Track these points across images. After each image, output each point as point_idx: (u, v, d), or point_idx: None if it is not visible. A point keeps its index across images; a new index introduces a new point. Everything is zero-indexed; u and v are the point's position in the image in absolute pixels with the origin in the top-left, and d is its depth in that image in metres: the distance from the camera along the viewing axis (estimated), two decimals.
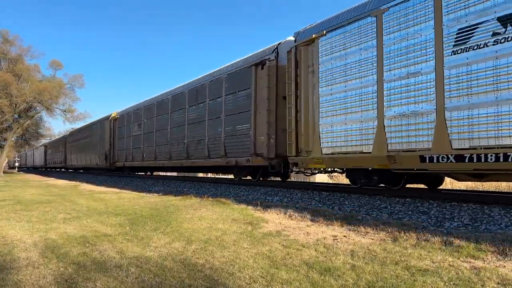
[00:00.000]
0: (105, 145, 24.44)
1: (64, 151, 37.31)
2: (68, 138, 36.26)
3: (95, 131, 27.10)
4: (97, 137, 26.38)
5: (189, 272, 3.64)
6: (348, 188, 9.20)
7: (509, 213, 5.50)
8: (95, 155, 26.69)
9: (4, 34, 36.44)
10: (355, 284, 3.19)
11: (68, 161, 35.88)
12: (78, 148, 32.51)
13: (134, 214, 7.19)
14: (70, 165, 35.58)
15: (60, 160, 39.51)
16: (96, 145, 26.50)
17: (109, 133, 23.86)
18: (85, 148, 29.86)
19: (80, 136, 32.27)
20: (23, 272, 3.78)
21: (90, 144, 28.30)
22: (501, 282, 3.12)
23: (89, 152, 28.41)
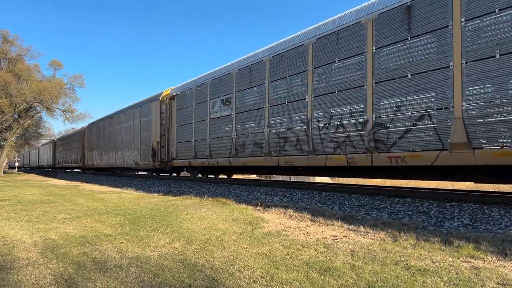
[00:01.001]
0: (151, 137, 17.67)
1: (82, 148, 30.99)
2: (87, 131, 29.82)
3: (133, 118, 20.34)
4: (137, 127, 19.67)
5: (189, 272, 3.64)
6: (348, 188, 9.20)
7: (509, 213, 5.50)
8: (132, 151, 20.19)
9: (4, 34, 36.42)
10: (355, 284, 3.19)
11: (87, 160, 29.40)
12: (103, 142, 25.51)
13: (134, 214, 7.19)
14: (90, 165, 28.70)
15: (75, 159, 33.42)
16: (135, 137, 19.90)
17: (159, 119, 16.90)
18: (115, 142, 23.03)
19: (106, 127, 25.06)
20: (23, 272, 3.78)
21: (123, 137, 21.70)
22: (501, 282, 3.12)
23: (122, 147, 21.86)
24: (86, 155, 29.69)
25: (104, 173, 29.27)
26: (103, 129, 25.69)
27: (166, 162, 16.38)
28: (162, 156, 16.60)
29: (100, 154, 26.04)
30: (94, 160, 27.32)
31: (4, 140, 40.42)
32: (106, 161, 24.69)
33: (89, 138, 29.16)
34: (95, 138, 27.35)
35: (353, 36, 8.04)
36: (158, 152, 16.82)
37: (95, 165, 27.35)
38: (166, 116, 16.59)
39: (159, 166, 16.87)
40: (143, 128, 18.90)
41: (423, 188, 10.33)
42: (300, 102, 9.31)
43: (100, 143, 26.04)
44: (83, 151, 30.64)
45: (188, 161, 14.45)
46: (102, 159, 25.65)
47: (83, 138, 30.88)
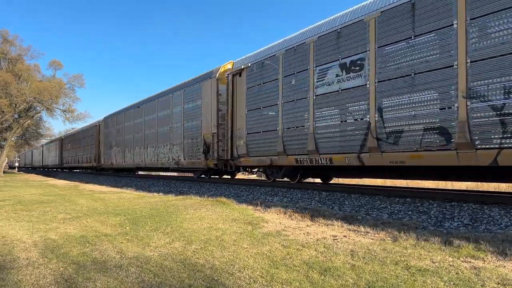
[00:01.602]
0: (201, 128, 13.54)
1: (96, 145, 26.93)
2: (103, 125, 25.50)
3: (171, 105, 15.99)
4: (178, 116, 15.40)
5: (189, 272, 3.64)
6: (348, 188, 9.20)
7: (509, 213, 5.50)
8: (170, 147, 15.86)
9: (4, 34, 36.43)
10: (355, 284, 3.19)
11: (104, 159, 25.12)
12: (126, 137, 21.20)
13: (134, 214, 7.19)
14: (108, 165, 24.29)
15: (87, 158, 29.23)
16: (174, 129, 15.63)
17: (215, 103, 12.75)
18: (144, 136, 18.81)
19: (130, 119, 20.75)
20: (23, 272, 3.78)
21: (157, 129, 17.40)
22: (501, 282, 3.12)
23: (154, 143, 17.51)
24: (103, 153, 25.36)
25: (106, 173, 28.37)
26: (126, 122, 21.42)
27: (227, 160, 12.01)
28: (219, 153, 12.34)
29: (121, 151, 21.80)
30: (113, 158, 23.09)
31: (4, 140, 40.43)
32: (131, 159, 20.34)
33: (106, 134, 24.84)
34: (114, 133, 23.18)
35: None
36: (214, 147, 12.56)
37: (114, 164, 23.13)
38: (228, 99, 11.90)
39: (215, 166, 12.60)
40: (188, 117, 14.51)
41: (423, 188, 10.33)
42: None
43: (122, 138, 21.77)
44: (98, 149, 26.50)
45: (270, 158, 10.31)
46: (124, 158, 21.35)
47: (97, 134, 26.69)
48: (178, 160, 15.28)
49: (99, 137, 26.66)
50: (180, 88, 15.62)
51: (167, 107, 16.62)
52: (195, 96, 14.32)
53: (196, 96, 14.24)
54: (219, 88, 12.77)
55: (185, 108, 15.00)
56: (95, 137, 27.37)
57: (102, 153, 25.84)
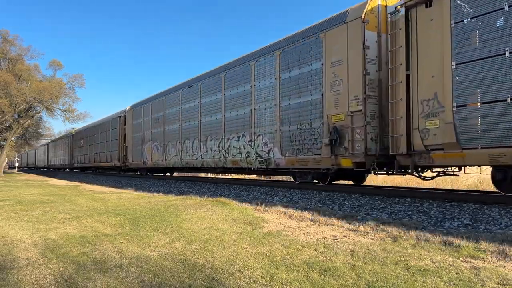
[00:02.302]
0: (322, 104, 9.01)
1: (120, 140, 21.82)
2: (130, 116, 20.67)
3: (261, 75, 11.08)
4: (270, 89, 10.68)
5: (189, 272, 3.64)
6: (348, 188, 9.20)
7: (509, 213, 5.51)
8: (253, 138, 11.19)
9: (4, 34, 36.41)
10: (355, 284, 3.19)
11: (132, 158, 20.21)
12: (168, 129, 16.54)
13: (134, 214, 7.19)
14: (139, 165, 19.51)
15: (108, 157, 24.08)
16: (265, 112, 10.82)
17: (360, 61, 8.12)
18: (200, 125, 14.03)
19: (176, 103, 15.97)
20: (23, 272, 3.78)
21: (224, 114, 12.61)
22: (501, 282, 3.12)
23: (220, 133, 12.77)
24: (130, 150, 20.29)
25: (111, 173, 26.74)
26: (168, 108, 16.48)
27: (395, 155, 7.52)
28: (367, 144, 7.93)
29: (161, 147, 16.99)
30: (147, 156, 18.25)
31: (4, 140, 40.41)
32: (177, 157, 15.51)
33: (135, 125, 20.01)
34: (149, 123, 18.39)
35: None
36: (353, 135, 8.22)
37: (149, 164, 18.26)
38: (395, 52, 7.49)
39: (356, 166, 8.17)
40: (291, 90, 9.93)
41: (423, 188, 10.33)
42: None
43: (161, 130, 16.98)
44: (123, 145, 21.48)
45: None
46: (166, 155, 16.55)
47: (122, 126, 21.70)
48: (269, 157, 10.55)
49: (124, 130, 21.61)
50: (273, 49, 10.70)
51: (244, 81, 11.73)
52: (307, 57, 9.48)
53: (309, 55, 9.44)
54: (366, 37, 8.08)
55: (283, 79, 10.18)
56: (119, 131, 22.24)
57: (129, 150, 20.63)
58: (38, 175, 37.30)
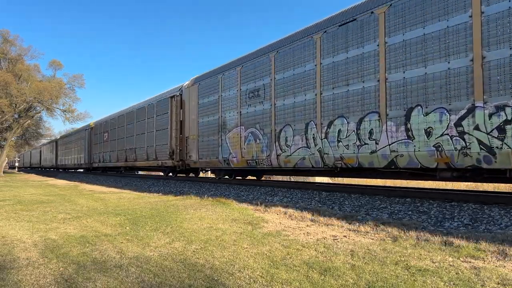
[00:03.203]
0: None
1: (175, 129, 15.85)
2: (199, 87, 14.33)
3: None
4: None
5: (189, 272, 3.64)
6: (348, 188, 9.20)
7: (509, 213, 5.51)
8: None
9: (4, 34, 36.43)
10: (355, 284, 3.19)
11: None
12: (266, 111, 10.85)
13: (134, 214, 7.19)
14: (218, 163, 13.03)
15: (152, 153, 17.98)
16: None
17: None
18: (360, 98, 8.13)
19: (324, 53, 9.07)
20: (23, 272, 3.78)
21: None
22: (501, 282, 3.12)
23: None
24: (195, 143, 14.31)
25: (110, 173, 26.65)
26: (283, 69, 10.35)
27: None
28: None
29: (268, 133, 10.75)
30: (234, 151, 12.16)
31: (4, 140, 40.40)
32: (311, 151, 9.15)
33: (203, 106, 14.01)
34: (236, 101, 12.22)
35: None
36: None
37: (237, 161, 12.07)
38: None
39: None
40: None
41: (423, 188, 10.33)
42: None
43: (268, 108, 10.82)
44: (179, 136, 15.59)
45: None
46: (280, 146, 10.27)
47: (177, 111, 15.79)
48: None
49: (180, 115, 15.69)
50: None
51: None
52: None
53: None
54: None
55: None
56: (171, 117, 16.22)
57: (192, 142, 14.46)
58: (38, 175, 37.30)
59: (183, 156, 15.42)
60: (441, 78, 6.82)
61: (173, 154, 15.99)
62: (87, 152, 29.38)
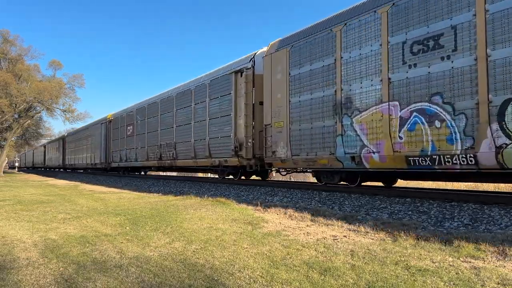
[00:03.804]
0: None
1: (243, 114, 11.53)
2: (297, 50, 9.73)
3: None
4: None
5: (189, 272, 3.64)
6: (348, 188, 9.20)
7: (509, 213, 5.51)
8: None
9: (4, 34, 36.44)
10: (355, 284, 3.19)
11: (292, 148, 9.39)
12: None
13: (134, 214, 7.19)
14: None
15: (203, 150, 13.73)
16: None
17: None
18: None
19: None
20: (23, 272, 3.78)
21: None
22: (501, 282, 3.12)
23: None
24: (285, 133, 10.07)
25: (107, 173, 25.70)
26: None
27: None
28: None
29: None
30: (344, 146, 8.41)
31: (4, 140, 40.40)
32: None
33: (296, 79, 9.84)
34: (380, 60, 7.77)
35: None
36: None
37: (372, 160, 7.90)
38: None
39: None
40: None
41: (423, 188, 10.33)
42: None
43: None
44: (251, 124, 11.62)
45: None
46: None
47: (248, 88, 11.72)
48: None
49: (253, 95, 11.60)
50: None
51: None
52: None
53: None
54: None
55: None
56: (236, 99, 12.13)
57: (285, 132, 10.07)
58: (38, 175, 37.29)
59: (257, 151, 11.31)
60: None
61: (241, 150, 11.69)
62: (103, 149, 24.75)
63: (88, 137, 29.07)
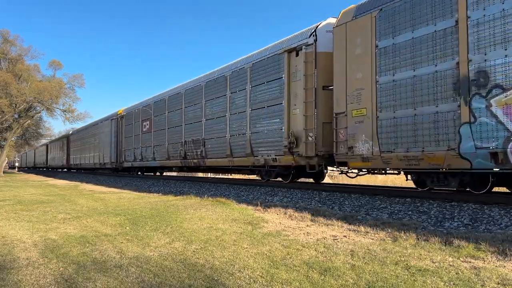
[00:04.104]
0: None
1: (294, 106, 9.60)
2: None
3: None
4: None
5: (189, 272, 3.64)
6: (348, 188, 9.20)
7: (509, 213, 5.51)
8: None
9: (4, 34, 36.44)
10: (355, 284, 3.19)
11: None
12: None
13: (134, 214, 7.19)
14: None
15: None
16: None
17: None
18: None
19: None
20: (23, 272, 3.78)
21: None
22: (501, 282, 3.12)
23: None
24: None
25: (106, 173, 25.89)
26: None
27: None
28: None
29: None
30: (474, 138, 6.22)
31: (4, 140, 40.39)
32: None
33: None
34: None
35: None
36: None
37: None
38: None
39: None
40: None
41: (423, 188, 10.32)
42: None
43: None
44: (304, 116, 9.39)
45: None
46: None
47: (307, 73, 9.44)
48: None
49: (315, 78, 9.38)
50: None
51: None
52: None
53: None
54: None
55: None
56: (290, 84, 10.00)
57: (371, 122, 7.90)
58: (38, 175, 37.28)
59: (319, 148, 9.14)
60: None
61: (297, 146, 9.59)
62: (113, 148, 22.64)
63: (95, 135, 26.83)
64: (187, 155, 14.68)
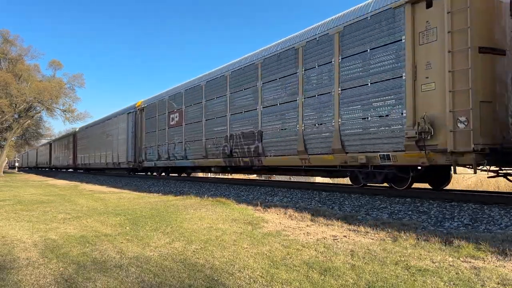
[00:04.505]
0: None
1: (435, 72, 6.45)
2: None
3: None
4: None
5: (189, 272, 3.64)
6: (348, 188, 9.20)
7: (509, 213, 5.51)
8: None
9: (5, 34, 36.44)
10: (355, 284, 3.19)
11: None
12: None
13: (134, 214, 7.19)
14: None
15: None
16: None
17: None
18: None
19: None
20: (23, 272, 3.78)
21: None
22: (501, 282, 3.12)
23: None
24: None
25: (107, 173, 26.30)
26: None
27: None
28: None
29: None
30: None
31: (4, 140, 40.39)
32: None
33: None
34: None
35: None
36: None
37: None
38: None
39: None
40: None
41: (423, 188, 10.32)
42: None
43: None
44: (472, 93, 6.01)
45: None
46: None
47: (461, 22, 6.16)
48: None
49: (476, 26, 6.17)
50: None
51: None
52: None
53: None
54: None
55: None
56: (413, 48, 6.96)
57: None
58: (38, 175, 37.28)
59: (478, 138, 6.10)
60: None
61: (434, 136, 6.65)
62: (130, 145, 19.70)
63: (107, 131, 23.64)
64: (233, 152, 11.94)
